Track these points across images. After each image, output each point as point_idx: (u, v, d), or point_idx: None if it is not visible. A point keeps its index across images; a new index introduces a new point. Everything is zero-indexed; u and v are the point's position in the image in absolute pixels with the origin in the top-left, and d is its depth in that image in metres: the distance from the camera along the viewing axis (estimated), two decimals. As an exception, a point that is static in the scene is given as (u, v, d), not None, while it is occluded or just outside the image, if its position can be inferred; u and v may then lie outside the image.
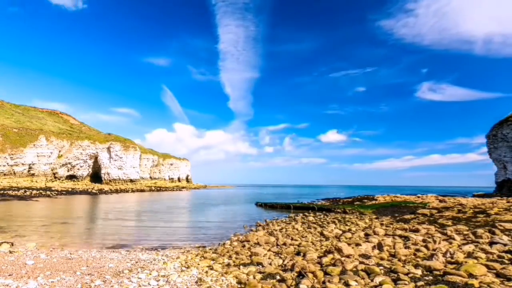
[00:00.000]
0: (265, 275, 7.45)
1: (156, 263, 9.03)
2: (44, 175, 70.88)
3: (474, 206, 25.95)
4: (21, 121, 76.92)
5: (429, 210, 22.98)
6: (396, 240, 11.29)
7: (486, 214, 18.62)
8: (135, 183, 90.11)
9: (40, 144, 70.28)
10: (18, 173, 64.75)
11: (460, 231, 12.71)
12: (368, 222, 18.28)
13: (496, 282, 6.14)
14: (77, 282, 6.88)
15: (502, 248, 9.06)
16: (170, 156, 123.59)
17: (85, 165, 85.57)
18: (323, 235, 13.60)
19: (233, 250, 10.78)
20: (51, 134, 76.81)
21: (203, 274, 7.74)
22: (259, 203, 37.58)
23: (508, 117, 63.01)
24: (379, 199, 40.82)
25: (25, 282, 6.67)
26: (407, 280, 6.52)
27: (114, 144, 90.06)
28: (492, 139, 64.71)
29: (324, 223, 18.63)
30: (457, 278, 6.33)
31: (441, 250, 9.14)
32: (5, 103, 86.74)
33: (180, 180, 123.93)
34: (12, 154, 63.47)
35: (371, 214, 24.00)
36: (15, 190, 48.90)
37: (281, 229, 16.24)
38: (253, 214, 26.98)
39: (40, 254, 9.81)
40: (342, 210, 27.70)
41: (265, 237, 12.75)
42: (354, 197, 50.88)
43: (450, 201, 33.08)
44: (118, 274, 7.66)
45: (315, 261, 8.51)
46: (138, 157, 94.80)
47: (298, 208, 32.05)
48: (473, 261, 7.63)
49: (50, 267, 8.15)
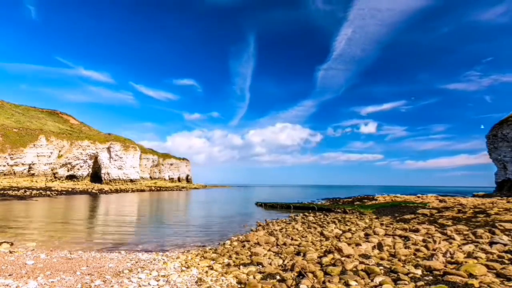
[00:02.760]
0: (265, 275, 7.45)
1: (156, 263, 9.03)
2: (44, 175, 70.87)
3: (474, 206, 25.94)
4: (21, 121, 76.91)
5: (429, 210, 22.97)
6: (396, 240, 11.28)
7: (486, 214, 18.61)
8: (135, 183, 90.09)
9: (40, 144, 70.26)
10: (18, 173, 64.75)
11: (460, 231, 12.71)
12: (368, 222, 18.27)
13: (496, 282, 6.14)
14: (77, 282, 6.88)
15: (502, 248, 9.05)
16: (170, 156, 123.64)
17: (85, 165, 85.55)
18: (323, 235, 13.59)
19: (233, 250, 10.77)
20: (51, 134, 76.79)
21: (203, 274, 7.74)
22: (259, 203, 37.60)
23: (508, 117, 63.01)
24: (379, 199, 40.83)
25: (25, 282, 6.67)
26: (407, 280, 6.51)
27: (114, 144, 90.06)
28: (492, 139, 64.68)
29: (324, 223, 18.62)
30: (457, 278, 6.33)
31: (441, 250, 9.13)
32: (5, 103, 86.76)
33: (180, 180, 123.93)
34: (12, 154, 63.46)
35: (371, 214, 23.99)
36: (15, 190, 48.89)
37: (281, 229, 16.24)
38: (253, 214, 26.97)
39: (40, 254, 9.80)
40: (342, 210, 27.71)
41: (265, 237, 12.74)
42: (354, 197, 50.91)
43: (450, 201, 33.07)
44: (118, 274, 7.65)
45: (315, 261, 8.51)
46: (138, 157, 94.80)
47: (298, 208, 32.05)
48: (473, 261, 7.63)
49: (50, 267, 8.14)
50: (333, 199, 48.21)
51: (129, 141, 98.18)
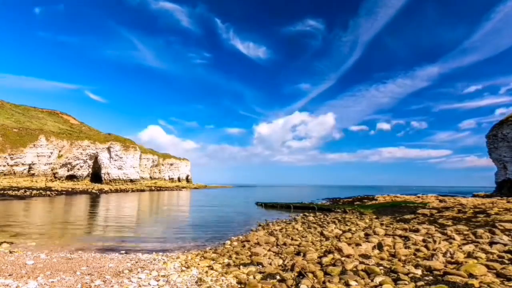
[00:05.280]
0: (265, 275, 7.44)
1: (156, 263, 9.03)
2: (44, 175, 70.84)
3: (474, 206, 25.94)
4: (21, 121, 76.90)
5: (429, 210, 22.98)
6: (396, 240, 11.28)
7: (486, 214, 18.61)
8: (135, 183, 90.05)
9: (40, 144, 70.26)
10: (18, 173, 64.74)
11: (460, 231, 12.70)
12: (368, 222, 18.26)
13: (496, 282, 6.14)
14: (77, 282, 6.88)
15: (502, 248, 9.05)
16: (170, 156, 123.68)
17: (85, 165, 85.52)
18: (323, 235, 13.59)
19: (233, 250, 10.77)
20: (51, 134, 76.79)
21: (203, 274, 7.73)
22: (259, 203, 37.61)
23: (508, 117, 62.99)
24: (379, 199, 40.84)
25: (25, 282, 6.67)
26: (407, 280, 6.51)
27: (114, 144, 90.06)
28: (492, 139, 64.66)
29: (324, 223, 18.61)
30: (457, 278, 6.33)
31: (441, 250, 9.13)
32: (5, 103, 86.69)
33: (180, 180, 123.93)
34: (12, 154, 63.46)
35: (371, 214, 23.99)
36: (15, 190, 48.87)
37: (281, 229, 16.23)
38: (253, 214, 26.97)
39: (40, 254, 9.80)
40: (342, 210, 27.71)
41: (265, 237, 12.75)
42: (354, 197, 50.92)
43: (450, 201, 33.06)
44: (118, 274, 7.65)
45: (315, 261, 8.50)
46: (138, 157, 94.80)
47: (298, 208, 32.06)
48: (473, 261, 7.63)
49: (50, 267, 8.14)
50: (333, 199, 48.24)
51: (129, 141, 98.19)
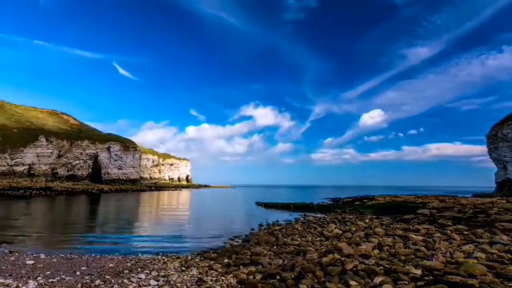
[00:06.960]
0: (265, 275, 7.44)
1: (156, 263, 9.02)
2: (44, 175, 70.83)
3: (474, 206, 25.90)
4: (21, 121, 76.93)
5: (429, 210, 22.95)
6: (396, 240, 11.28)
7: (486, 214, 18.59)
8: (135, 183, 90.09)
9: (40, 144, 70.28)
10: (18, 173, 64.74)
11: (460, 231, 12.70)
12: (368, 222, 18.26)
13: (496, 282, 6.13)
14: (77, 282, 6.88)
15: (502, 248, 9.04)
16: (170, 156, 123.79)
17: (85, 165, 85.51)
18: (323, 235, 13.58)
19: (233, 250, 10.77)
20: (51, 134, 76.81)
21: (203, 274, 7.73)
22: (259, 203, 37.62)
23: (508, 116, 62.98)
24: (379, 199, 40.79)
25: (25, 282, 6.67)
26: (407, 280, 6.51)
27: (114, 144, 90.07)
28: (492, 139, 64.62)
29: (324, 223, 18.60)
30: (457, 278, 6.32)
31: (441, 250, 9.13)
32: (5, 103, 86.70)
33: (180, 180, 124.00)
34: (12, 154, 63.47)
35: (371, 214, 23.99)
36: (15, 190, 48.85)
37: (281, 229, 16.23)
38: (253, 214, 26.97)
39: (40, 254, 9.80)
40: (342, 210, 27.71)
41: (265, 237, 12.74)
42: (354, 197, 50.88)
43: (450, 201, 33.00)
44: (118, 274, 7.65)
45: (315, 261, 8.50)
46: (138, 157, 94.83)
47: (298, 207, 32.05)
48: (473, 261, 7.62)
49: (50, 267, 8.14)
50: (333, 199, 48.24)
51: (129, 141, 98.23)
